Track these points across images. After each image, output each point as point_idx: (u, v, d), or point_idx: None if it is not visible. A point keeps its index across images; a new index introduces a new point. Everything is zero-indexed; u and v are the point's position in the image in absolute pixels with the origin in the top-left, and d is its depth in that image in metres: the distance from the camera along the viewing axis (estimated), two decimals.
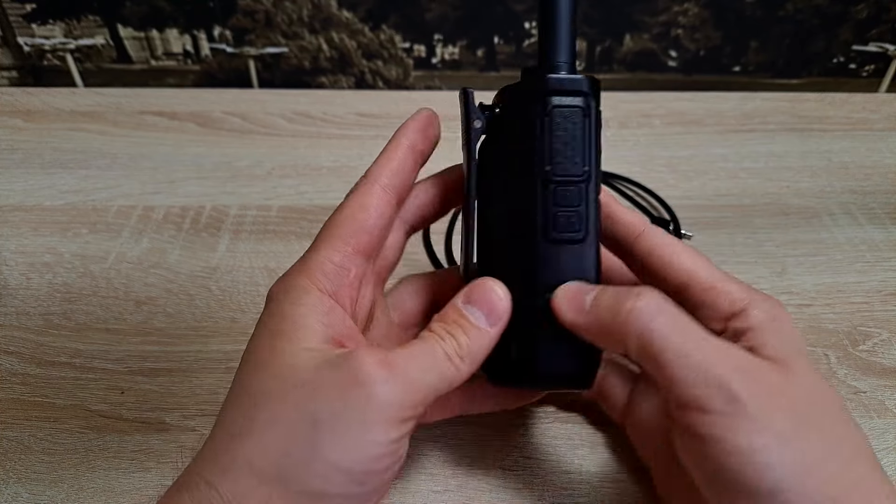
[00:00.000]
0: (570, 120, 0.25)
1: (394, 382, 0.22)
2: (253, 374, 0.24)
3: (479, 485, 0.32)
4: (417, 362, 0.23)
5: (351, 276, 0.26)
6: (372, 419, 0.22)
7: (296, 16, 0.61)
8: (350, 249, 0.26)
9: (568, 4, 0.25)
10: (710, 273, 0.26)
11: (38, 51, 0.63)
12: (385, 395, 0.22)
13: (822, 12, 0.61)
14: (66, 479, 0.31)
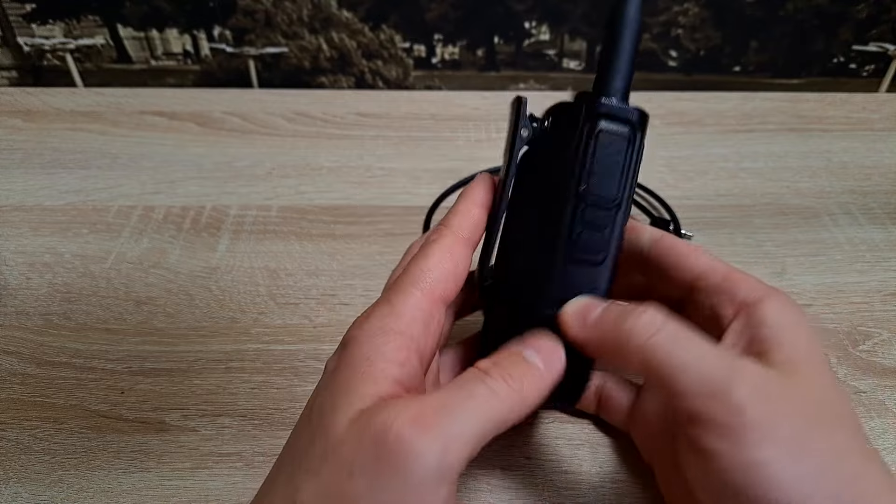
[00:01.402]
0: (615, 146, 0.25)
1: (434, 444, 0.20)
2: (304, 427, 0.22)
3: (479, 485, 0.32)
4: (468, 413, 0.21)
5: (434, 323, 0.24)
6: (421, 490, 0.19)
7: (296, 16, 0.61)
8: (437, 297, 0.24)
9: (633, 35, 0.26)
10: (728, 267, 0.27)
11: (37, 51, 0.62)
12: (424, 462, 0.19)
13: (822, 12, 0.61)
14: (66, 479, 0.31)
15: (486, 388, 0.22)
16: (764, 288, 0.26)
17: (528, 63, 0.65)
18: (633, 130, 0.25)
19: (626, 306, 0.24)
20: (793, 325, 0.25)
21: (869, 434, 0.34)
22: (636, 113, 0.26)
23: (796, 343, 0.24)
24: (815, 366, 0.24)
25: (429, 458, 0.19)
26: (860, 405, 0.35)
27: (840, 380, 0.37)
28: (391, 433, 0.19)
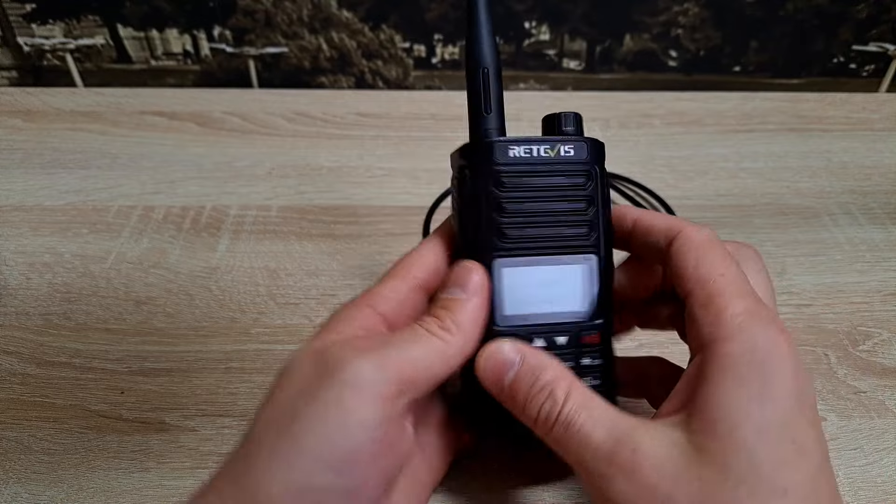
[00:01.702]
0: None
1: (370, 361, 0.22)
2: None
3: (480, 485, 0.32)
4: (396, 340, 0.24)
5: (409, 304, 0.27)
6: (350, 397, 0.22)
7: (296, 16, 0.61)
8: (411, 281, 0.27)
9: (496, 76, 0.28)
10: (720, 288, 0.24)
11: (37, 51, 0.63)
12: (359, 371, 0.22)
13: (822, 12, 0.61)
14: (66, 479, 0.31)
15: (422, 329, 0.24)
16: (733, 325, 0.23)
17: (528, 63, 0.65)
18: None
19: (534, 368, 0.25)
20: (737, 383, 0.22)
21: (869, 434, 0.34)
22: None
23: (728, 407, 0.22)
24: (739, 441, 0.21)
25: (363, 368, 0.22)
26: (860, 405, 0.35)
27: (840, 380, 0.37)
28: (332, 355, 0.23)
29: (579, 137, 0.28)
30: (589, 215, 0.28)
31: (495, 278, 0.27)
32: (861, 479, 0.32)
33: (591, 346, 0.28)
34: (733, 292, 0.24)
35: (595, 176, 0.28)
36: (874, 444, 0.33)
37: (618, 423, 0.23)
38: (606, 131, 0.59)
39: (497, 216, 0.27)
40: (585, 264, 0.28)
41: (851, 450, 0.33)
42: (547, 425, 0.24)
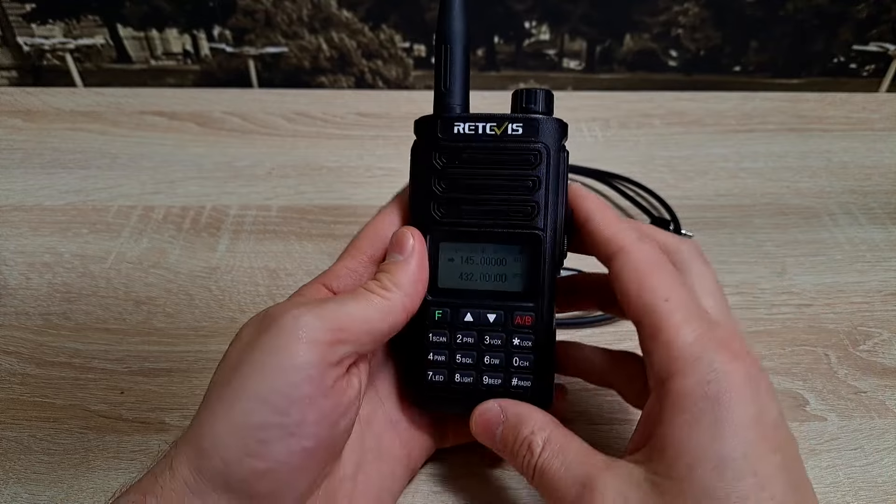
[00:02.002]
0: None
1: (306, 310, 0.24)
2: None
3: (480, 485, 0.32)
4: (337, 298, 0.26)
5: (364, 276, 0.28)
6: (286, 342, 0.23)
7: (296, 16, 0.61)
8: (365, 258, 0.28)
9: (463, 50, 0.28)
10: (666, 316, 0.23)
11: (37, 51, 0.62)
12: (296, 319, 0.23)
13: (822, 12, 0.61)
14: (66, 479, 0.31)
15: (362, 289, 0.26)
16: (683, 358, 0.23)
17: (528, 63, 0.65)
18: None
19: (515, 431, 0.26)
20: (691, 421, 0.22)
21: (869, 434, 0.34)
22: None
23: (683, 445, 0.22)
24: (696, 479, 0.21)
25: (301, 317, 0.23)
26: (860, 405, 0.35)
27: (840, 380, 0.37)
28: (273, 311, 0.24)
29: (532, 116, 0.27)
30: (535, 196, 0.27)
31: (431, 251, 0.28)
32: (861, 479, 0.32)
33: (523, 327, 0.28)
34: (680, 320, 0.23)
35: (544, 156, 0.27)
36: (875, 444, 0.33)
37: (586, 467, 0.24)
38: (606, 131, 0.59)
39: (437, 189, 0.28)
40: (528, 244, 0.27)
41: (852, 450, 0.33)
42: (528, 474, 0.25)
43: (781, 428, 0.22)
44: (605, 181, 0.51)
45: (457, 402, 0.28)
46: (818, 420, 0.35)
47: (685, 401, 0.22)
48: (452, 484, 0.32)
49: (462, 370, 0.28)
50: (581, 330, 0.40)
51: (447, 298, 0.28)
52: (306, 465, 0.23)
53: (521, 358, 0.28)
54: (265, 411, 0.22)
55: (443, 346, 0.28)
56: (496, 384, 0.28)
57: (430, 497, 0.31)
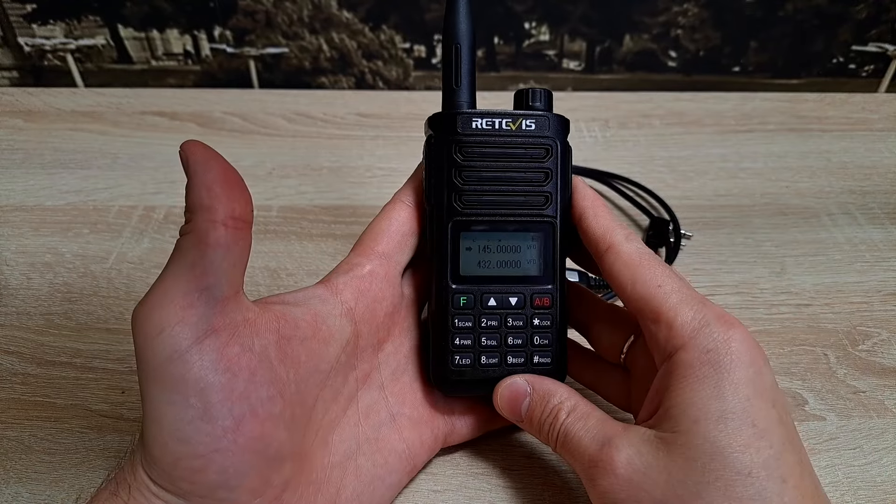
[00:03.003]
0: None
1: (142, 306, 0.23)
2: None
3: (480, 485, 0.32)
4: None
5: (364, 270, 0.29)
6: (143, 337, 0.22)
7: (296, 16, 0.61)
8: (368, 251, 0.29)
9: (469, 49, 0.30)
10: (663, 301, 0.26)
11: (38, 51, 0.63)
12: (136, 312, 0.23)
13: (822, 12, 0.61)
14: (67, 479, 0.31)
15: (174, 251, 0.23)
16: (688, 332, 0.25)
17: (528, 63, 0.65)
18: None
19: (543, 403, 0.28)
20: (694, 384, 0.24)
21: (868, 434, 0.34)
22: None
23: (688, 404, 0.24)
24: (703, 434, 0.23)
25: (137, 310, 0.22)
26: (860, 405, 0.36)
27: (840, 380, 0.37)
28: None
29: (542, 112, 0.29)
30: (546, 186, 0.29)
31: (452, 240, 0.29)
32: (861, 479, 0.32)
33: (542, 308, 0.30)
34: (676, 301, 0.26)
35: (555, 150, 0.29)
36: (874, 443, 0.34)
37: (605, 430, 0.26)
38: (606, 131, 0.59)
39: (457, 182, 0.29)
40: (540, 232, 0.30)
41: (851, 449, 0.33)
42: (553, 438, 0.28)
43: (776, 389, 0.25)
44: (605, 181, 0.52)
45: (481, 385, 0.30)
46: (817, 420, 0.35)
47: (688, 369, 0.24)
48: (452, 484, 0.32)
49: (487, 352, 0.30)
50: None
51: (469, 285, 0.30)
52: (240, 444, 0.23)
53: (541, 337, 0.30)
54: (173, 408, 0.22)
55: (467, 331, 0.30)
56: (519, 363, 0.30)
57: (430, 497, 0.31)
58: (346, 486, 0.27)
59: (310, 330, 0.26)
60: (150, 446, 0.22)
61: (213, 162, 0.23)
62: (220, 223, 0.22)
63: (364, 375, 0.29)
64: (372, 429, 0.29)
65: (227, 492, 0.23)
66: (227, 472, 0.23)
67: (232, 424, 0.22)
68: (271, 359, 0.24)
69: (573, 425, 0.27)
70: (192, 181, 0.23)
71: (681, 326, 0.25)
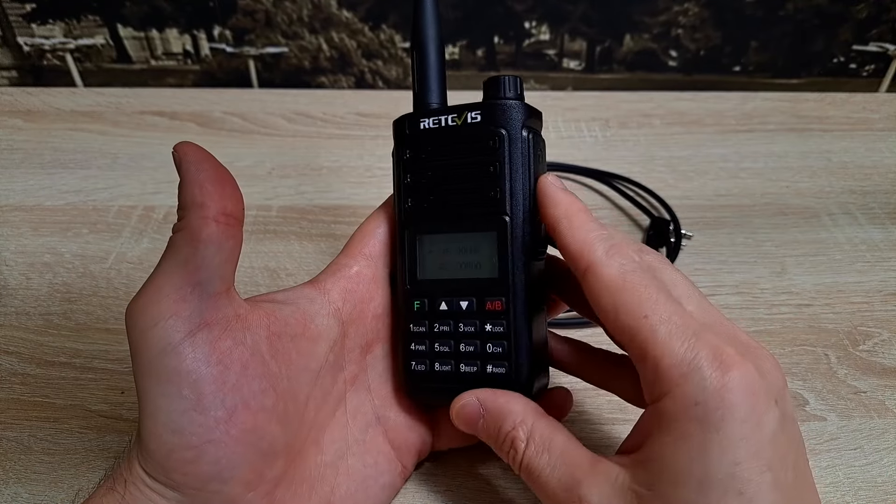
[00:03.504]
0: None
1: (137, 301, 0.24)
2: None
3: (480, 485, 0.32)
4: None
5: (352, 271, 0.29)
6: (138, 332, 0.23)
7: (296, 16, 0.61)
8: (356, 252, 0.29)
9: (437, 50, 0.29)
10: (648, 335, 0.22)
11: (37, 51, 0.63)
12: (129, 309, 0.24)
13: (822, 12, 0.61)
14: (66, 480, 0.31)
15: (167, 248, 0.24)
16: (672, 379, 0.22)
17: (528, 63, 0.65)
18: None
19: (495, 426, 0.26)
20: (677, 441, 0.21)
21: (868, 434, 0.34)
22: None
23: (668, 463, 0.21)
24: (679, 497, 0.21)
25: (136, 305, 0.23)
26: (860, 405, 0.35)
27: (840, 380, 0.37)
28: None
29: (491, 102, 0.27)
30: (497, 181, 0.27)
31: (408, 244, 0.29)
32: (861, 479, 0.32)
33: (495, 312, 0.27)
34: (664, 336, 0.22)
35: (504, 140, 0.27)
36: (874, 444, 0.33)
37: (572, 468, 0.24)
38: (606, 131, 0.59)
39: (407, 183, 0.29)
40: (492, 231, 0.27)
41: (851, 450, 0.33)
42: (515, 468, 0.26)
43: (777, 442, 0.21)
44: (605, 181, 0.52)
45: (441, 392, 0.28)
46: (818, 420, 0.35)
47: (673, 423, 0.21)
48: (452, 484, 0.32)
49: (440, 359, 0.28)
50: (581, 329, 0.40)
51: (423, 289, 0.29)
52: (232, 436, 0.23)
53: (494, 344, 0.27)
54: (167, 399, 0.22)
55: (423, 336, 0.29)
56: (473, 371, 0.28)
57: (430, 497, 0.31)
58: (340, 486, 0.28)
59: (299, 328, 0.26)
60: (146, 439, 0.23)
61: (205, 162, 0.23)
62: (212, 219, 0.23)
63: (352, 377, 0.29)
64: (359, 430, 0.29)
65: (219, 484, 0.23)
66: (220, 464, 0.23)
67: (224, 415, 0.23)
68: (263, 353, 0.24)
69: (535, 460, 0.25)
70: (185, 179, 0.23)
71: (667, 369, 0.22)
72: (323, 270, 0.29)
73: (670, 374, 0.22)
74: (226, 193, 0.23)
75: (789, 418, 0.22)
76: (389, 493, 0.30)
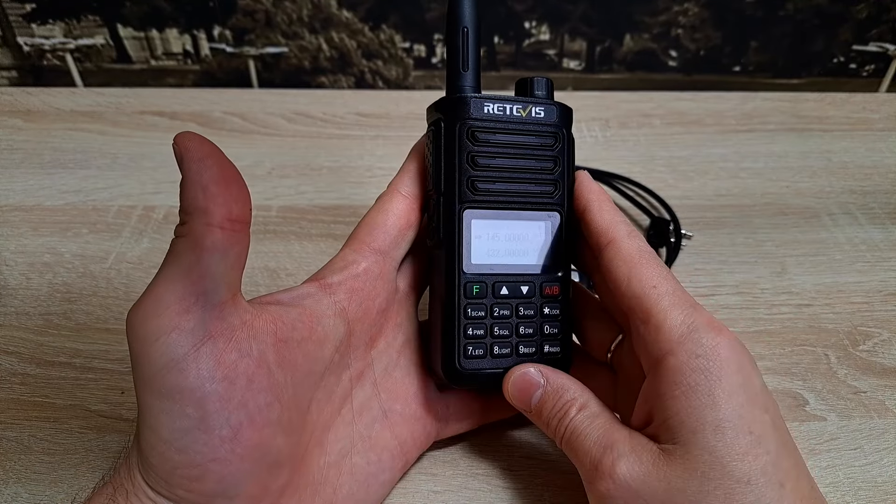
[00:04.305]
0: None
1: (139, 309, 0.22)
2: None
3: (480, 485, 0.32)
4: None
5: (359, 269, 0.28)
6: (138, 349, 0.22)
7: (296, 16, 0.61)
8: (364, 246, 0.29)
9: (475, 33, 0.29)
10: (655, 302, 0.26)
11: (37, 51, 0.62)
12: (128, 320, 0.22)
13: (822, 12, 0.61)
14: (66, 480, 0.31)
15: (169, 254, 0.23)
16: (677, 336, 0.25)
17: (528, 63, 0.65)
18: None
19: (556, 396, 0.28)
20: (687, 392, 0.24)
21: (869, 434, 0.34)
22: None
23: (684, 414, 0.24)
24: (703, 446, 0.23)
25: (129, 315, 0.22)
26: (860, 405, 0.35)
27: (840, 380, 0.37)
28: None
29: (550, 101, 0.30)
30: (555, 174, 0.29)
31: (465, 228, 0.28)
32: (861, 479, 0.32)
33: (552, 296, 0.30)
34: (668, 304, 0.26)
35: (562, 138, 0.29)
36: (874, 444, 0.33)
37: (610, 434, 0.26)
38: (606, 131, 0.59)
39: (469, 168, 0.28)
40: (549, 220, 0.30)
41: (851, 450, 0.33)
42: (559, 434, 0.27)
43: (766, 392, 0.25)
44: (605, 181, 0.51)
45: (492, 376, 0.29)
46: (818, 420, 0.35)
47: (679, 375, 0.24)
48: (452, 484, 0.32)
49: (500, 341, 0.29)
50: None
51: (481, 273, 0.29)
52: (238, 454, 0.22)
53: (551, 326, 0.30)
54: (170, 417, 0.22)
55: (480, 320, 0.29)
56: (530, 353, 0.29)
57: (430, 497, 0.31)
58: (342, 486, 0.27)
59: (306, 331, 0.25)
60: (147, 454, 0.22)
61: (209, 158, 0.22)
62: (217, 226, 0.22)
63: (358, 373, 0.29)
64: (365, 426, 0.29)
65: (225, 500, 0.23)
66: (226, 481, 0.22)
67: (230, 434, 0.22)
68: (269, 363, 0.24)
69: (581, 423, 0.27)
70: (187, 179, 0.22)
71: (669, 330, 0.25)
72: (327, 265, 0.29)
73: (672, 334, 0.25)
74: (231, 195, 0.22)
75: (765, 385, 0.26)
76: (388, 490, 0.30)
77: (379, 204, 0.30)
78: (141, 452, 0.22)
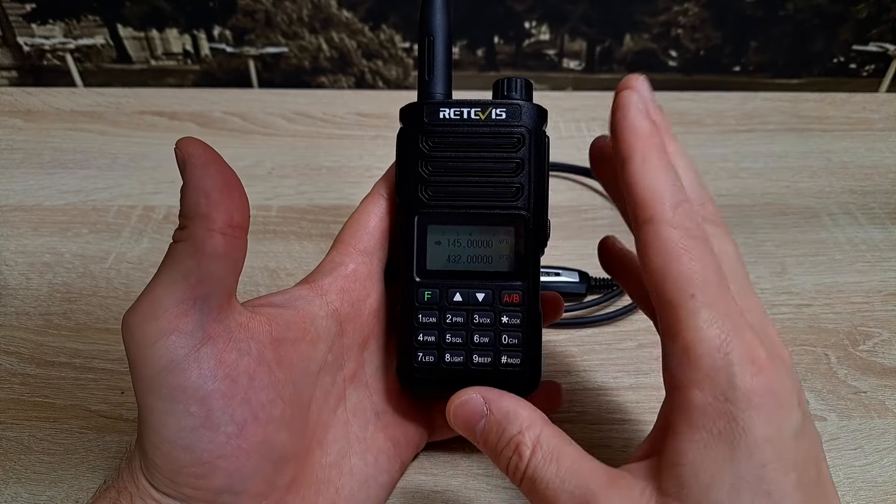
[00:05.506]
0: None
1: (135, 310, 0.22)
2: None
3: (480, 485, 0.32)
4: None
5: (348, 270, 0.28)
6: (136, 348, 0.22)
7: (296, 16, 0.61)
8: (349, 248, 0.29)
9: (445, 40, 0.29)
10: (687, 316, 0.21)
11: (37, 51, 0.62)
12: (125, 321, 0.22)
13: (822, 12, 0.61)
14: (66, 480, 0.31)
15: (167, 258, 0.23)
16: (702, 369, 0.21)
17: (528, 63, 0.65)
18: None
19: (499, 429, 0.24)
20: (708, 441, 0.20)
21: (869, 434, 0.34)
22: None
23: (698, 466, 0.21)
24: (711, 499, 0.20)
25: (134, 317, 0.22)
26: (860, 405, 0.35)
27: (840, 380, 0.37)
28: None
29: (513, 101, 0.28)
30: (518, 178, 0.28)
31: (420, 234, 0.28)
32: (861, 479, 0.32)
33: (512, 304, 0.28)
34: (704, 322, 0.21)
35: (526, 140, 0.28)
36: (874, 444, 0.33)
37: (585, 480, 0.22)
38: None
39: (423, 173, 0.28)
40: (511, 226, 0.28)
41: (851, 450, 0.33)
42: (516, 478, 0.24)
43: (801, 438, 0.21)
44: None
45: (446, 385, 0.27)
46: (818, 420, 0.35)
47: (702, 417, 0.21)
48: (452, 484, 0.32)
49: (452, 350, 0.28)
50: (581, 330, 0.40)
51: (435, 280, 0.28)
52: (244, 450, 0.23)
53: (510, 335, 0.28)
54: (174, 417, 0.22)
55: (432, 327, 0.28)
56: (486, 363, 0.28)
57: (430, 497, 0.31)
58: (344, 486, 0.27)
59: (300, 332, 0.26)
60: (152, 455, 0.22)
61: (211, 165, 0.22)
62: (218, 232, 0.22)
63: (351, 374, 0.29)
64: (360, 428, 0.29)
65: (231, 496, 0.23)
66: (233, 477, 0.23)
67: (235, 430, 0.22)
68: (268, 361, 0.24)
69: (542, 469, 0.23)
70: (189, 184, 0.22)
71: (699, 357, 0.21)
72: (317, 269, 0.29)
73: (701, 363, 0.21)
74: (233, 202, 0.22)
75: (807, 418, 0.22)
76: (388, 492, 0.30)
77: (362, 206, 0.30)
78: (144, 454, 0.22)
